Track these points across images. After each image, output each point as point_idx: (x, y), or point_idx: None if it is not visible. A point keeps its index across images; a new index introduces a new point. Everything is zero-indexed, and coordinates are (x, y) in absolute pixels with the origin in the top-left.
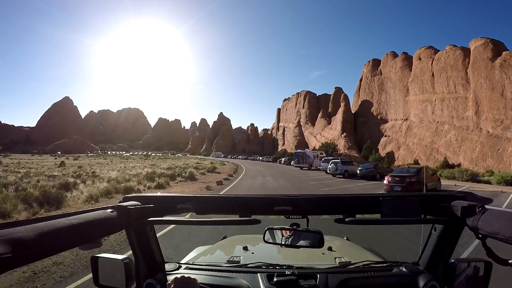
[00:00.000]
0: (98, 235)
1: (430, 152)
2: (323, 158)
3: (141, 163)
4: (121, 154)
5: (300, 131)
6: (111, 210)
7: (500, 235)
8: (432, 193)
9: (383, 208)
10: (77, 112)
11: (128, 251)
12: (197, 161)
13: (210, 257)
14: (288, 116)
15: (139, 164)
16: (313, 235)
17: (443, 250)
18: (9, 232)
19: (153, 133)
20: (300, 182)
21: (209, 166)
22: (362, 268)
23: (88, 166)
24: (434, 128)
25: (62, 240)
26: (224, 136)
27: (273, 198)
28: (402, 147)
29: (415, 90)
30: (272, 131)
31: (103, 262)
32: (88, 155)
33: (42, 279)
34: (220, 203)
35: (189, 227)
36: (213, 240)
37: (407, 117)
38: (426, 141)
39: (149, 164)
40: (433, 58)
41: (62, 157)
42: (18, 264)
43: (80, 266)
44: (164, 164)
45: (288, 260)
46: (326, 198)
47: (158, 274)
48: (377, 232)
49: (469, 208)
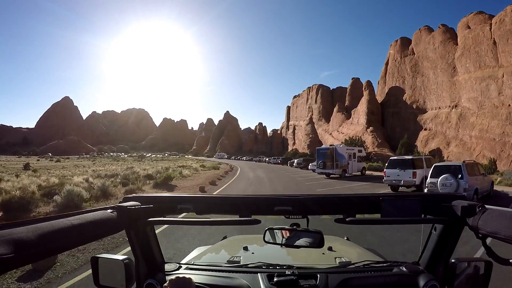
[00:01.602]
0: (99, 235)
1: (501, 148)
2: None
3: (123, 165)
4: (117, 156)
5: (312, 128)
6: (111, 210)
7: (500, 235)
8: (432, 193)
9: (383, 208)
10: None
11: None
12: (188, 163)
13: (210, 257)
14: (298, 114)
15: (115, 167)
16: (313, 235)
17: (443, 250)
18: (10, 233)
19: (157, 133)
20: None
21: (188, 171)
22: (362, 268)
23: (58, 169)
24: (505, 114)
25: (63, 240)
26: (229, 135)
27: (273, 198)
28: (453, 142)
29: (468, 66)
30: (282, 131)
31: (103, 262)
32: (82, 156)
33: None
34: (220, 203)
35: (189, 227)
36: (213, 240)
37: (457, 103)
38: (493, 132)
39: (127, 167)
40: (491, 23)
41: (46, 159)
42: (19, 264)
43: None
44: (146, 167)
45: (288, 260)
46: (326, 198)
47: (158, 274)
48: (377, 232)
49: (469, 208)
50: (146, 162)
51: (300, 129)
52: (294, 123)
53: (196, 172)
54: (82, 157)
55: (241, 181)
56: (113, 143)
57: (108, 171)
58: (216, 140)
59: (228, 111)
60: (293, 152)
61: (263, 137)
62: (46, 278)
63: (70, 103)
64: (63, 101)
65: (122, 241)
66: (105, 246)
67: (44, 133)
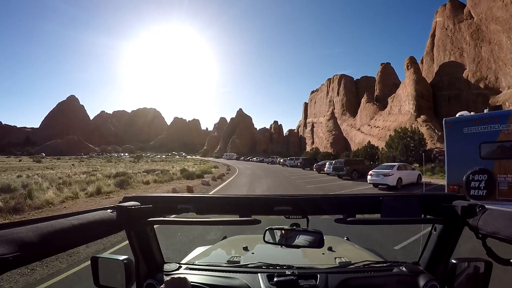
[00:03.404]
0: (99, 235)
1: None
2: None
3: (103, 167)
4: (111, 157)
5: (335, 124)
6: (111, 210)
7: (500, 235)
8: (432, 193)
9: (383, 208)
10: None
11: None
12: (175, 166)
13: (210, 257)
14: (317, 109)
15: (84, 169)
16: (313, 235)
17: (443, 250)
18: (10, 233)
19: (167, 134)
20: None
21: (156, 176)
22: (362, 268)
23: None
24: None
25: (63, 240)
26: (242, 134)
27: (273, 198)
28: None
29: None
30: (299, 129)
31: (103, 262)
32: (77, 157)
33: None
34: (220, 203)
35: (189, 227)
36: (213, 240)
37: None
38: None
39: (92, 170)
40: None
41: (34, 159)
42: (19, 264)
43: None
44: (118, 170)
45: (288, 260)
46: (326, 198)
47: (158, 274)
48: (377, 232)
49: (469, 208)
50: (144, 164)
51: (320, 126)
52: (312, 120)
53: (159, 183)
54: (77, 157)
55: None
56: (123, 143)
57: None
58: (226, 140)
59: (241, 108)
60: (314, 151)
61: (278, 136)
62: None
63: (76, 102)
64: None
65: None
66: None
67: (48, 133)
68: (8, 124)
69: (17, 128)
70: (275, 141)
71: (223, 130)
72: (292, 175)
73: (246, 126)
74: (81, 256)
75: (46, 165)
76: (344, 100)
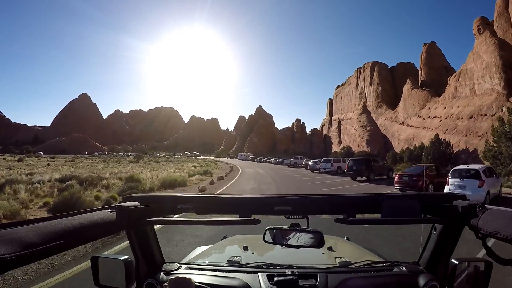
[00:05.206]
0: (99, 235)
1: None
2: None
3: (93, 168)
4: (120, 156)
5: (369, 119)
6: (111, 210)
7: (500, 235)
8: (432, 192)
9: (383, 208)
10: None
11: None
12: (172, 168)
13: (210, 257)
14: (345, 104)
15: (63, 172)
16: (313, 235)
17: (443, 250)
18: (10, 233)
19: (183, 133)
20: None
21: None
22: (362, 268)
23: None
24: None
25: (63, 240)
26: (260, 133)
27: (273, 198)
28: None
29: None
30: (323, 128)
31: (103, 262)
32: (79, 156)
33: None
34: (220, 203)
35: (189, 227)
36: (213, 240)
37: None
38: None
39: (70, 171)
40: None
41: (28, 158)
42: (19, 264)
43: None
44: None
45: (288, 260)
46: (326, 198)
47: (158, 274)
48: (377, 232)
49: (470, 208)
50: (143, 165)
51: (349, 123)
52: (339, 116)
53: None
54: (78, 157)
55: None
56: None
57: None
58: (244, 138)
59: (261, 105)
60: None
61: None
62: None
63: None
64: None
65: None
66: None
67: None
68: (18, 123)
69: (27, 126)
70: (297, 140)
71: (241, 128)
72: (325, 180)
73: (266, 124)
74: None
75: (20, 164)
76: (379, 90)
